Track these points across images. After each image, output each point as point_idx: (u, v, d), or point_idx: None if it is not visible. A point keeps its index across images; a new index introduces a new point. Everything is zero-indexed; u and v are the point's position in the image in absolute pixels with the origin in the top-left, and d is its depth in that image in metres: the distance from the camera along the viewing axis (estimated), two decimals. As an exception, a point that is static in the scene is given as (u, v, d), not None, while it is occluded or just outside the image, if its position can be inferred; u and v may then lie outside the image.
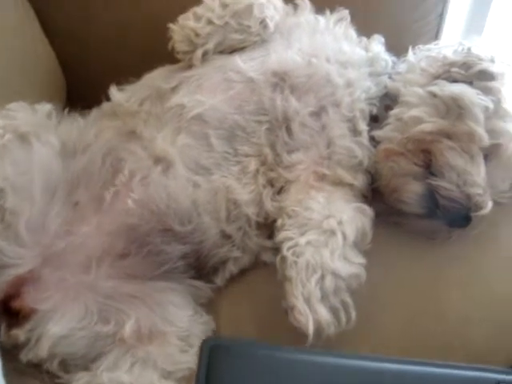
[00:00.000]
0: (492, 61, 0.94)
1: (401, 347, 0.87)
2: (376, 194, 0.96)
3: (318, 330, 0.77)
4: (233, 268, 0.94)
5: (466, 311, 0.89)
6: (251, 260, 0.95)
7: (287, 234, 0.84)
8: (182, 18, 0.98)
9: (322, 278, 0.79)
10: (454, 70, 0.93)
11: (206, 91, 0.94)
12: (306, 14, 1.04)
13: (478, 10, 1.54)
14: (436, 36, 1.25)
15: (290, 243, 0.82)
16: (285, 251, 0.81)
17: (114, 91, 1.00)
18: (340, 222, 0.84)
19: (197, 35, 0.96)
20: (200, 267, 0.92)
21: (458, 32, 1.55)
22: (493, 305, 0.89)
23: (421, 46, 1.04)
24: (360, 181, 0.94)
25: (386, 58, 1.03)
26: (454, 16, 1.43)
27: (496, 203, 0.93)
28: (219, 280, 0.94)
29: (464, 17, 1.55)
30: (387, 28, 1.14)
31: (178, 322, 0.87)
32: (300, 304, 0.77)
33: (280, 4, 1.02)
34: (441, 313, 0.89)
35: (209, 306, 0.94)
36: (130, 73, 1.02)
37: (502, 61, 0.95)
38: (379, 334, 0.89)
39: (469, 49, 0.95)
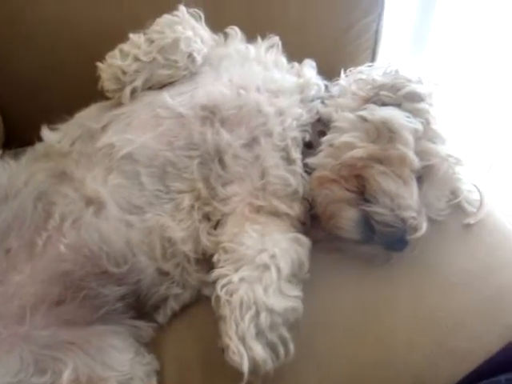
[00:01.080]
0: (419, 82, 0.95)
1: (347, 376, 0.87)
2: (315, 221, 0.95)
3: (255, 367, 0.75)
4: (174, 305, 0.92)
5: (410, 335, 0.88)
6: (193, 295, 0.94)
7: (221, 271, 0.83)
8: (108, 56, 0.96)
9: (257, 314, 0.78)
10: (383, 93, 0.93)
11: (136, 129, 0.92)
12: (236, 43, 1.03)
13: (421, 28, 1.55)
14: (373, 56, 1.25)
15: (223, 281, 0.81)
16: (218, 290, 0.80)
17: (45, 132, 0.98)
18: (273, 256, 0.82)
19: (124, 73, 0.95)
20: (140, 307, 0.90)
21: (402, 50, 1.55)
22: (433, 327, 0.88)
23: (352, 69, 1.04)
24: (296, 210, 0.93)
25: (318, 82, 1.03)
26: (396, 35, 1.44)
27: (434, 221, 0.93)
28: (161, 318, 0.92)
29: (407, 35, 1.56)
30: (321, 51, 1.14)
31: (119, 366, 0.85)
32: (233, 344, 0.75)
33: (208, 36, 1.01)
34: (385, 338, 0.88)
35: (152, 345, 0.92)
36: (66, 111, 1.00)
37: (430, 81, 0.96)
38: (324, 365, 0.88)
39: (396, 71, 0.95)
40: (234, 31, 1.04)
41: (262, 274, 0.81)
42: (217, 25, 1.06)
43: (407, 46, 1.55)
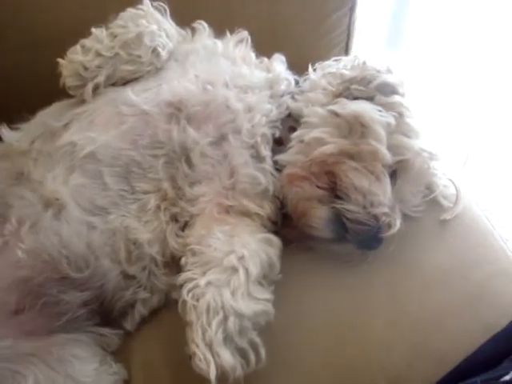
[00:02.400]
0: (389, 71, 0.91)
1: (322, 380, 0.83)
2: (287, 220, 0.91)
3: (223, 374, 0.71)
4: (142, 310, 0.88)
5: (386, 337, 0.84)
6: (161, 299, 0.89)
7: (188, 274, 0.79)
8: (70, 52, 0.91)
9: (225, 319, 0.73)
10: (354, 86, 0.89)
11: (98, 127, 0.87)
12: (204, 38, 0.98)
13: (396, 21, 1.52)
14: (346, 50, 1.21)
15: (189, 285, 0.76)
16: (185, 295, 0.75)
17: (4, 131, 0.92)
18: (241, 258, 0.78)
19: (86, 69, 0.90)
20: (106, 313, 0.86)
21: (379, 42, 1.52)
22: (410, 327, 0.84)
23: (320, 63, 0.99)
24: (267, 209, 0.88)
25: (288, 77, 0.98)
26: (374, 27, 1.41)
27: (409, 218, 0.89)
28: (129, 324, 0.88)
29: (383, 28, 1.53)
30: (293, 45, 1.10)
31: (83, 377, 0.80)
32: (200, 351, 0.71)
33: (173, 30, 0.96)
34: (361, 341, 0.84)
35: (119, 352, 0.87)
36: (28, 110, 0.94)
37: (398, 69, 0.92)
38: (298, 369, 0.83)
39: (364, 62, 0.91)
40: (202, 26, 1.00)
41: (229, 276, 0.77)
42: (184, 19, 1.01)
43: (383, 41, 1.51)
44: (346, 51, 1.21)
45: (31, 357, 0.79)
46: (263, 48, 1.02)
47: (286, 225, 0.91)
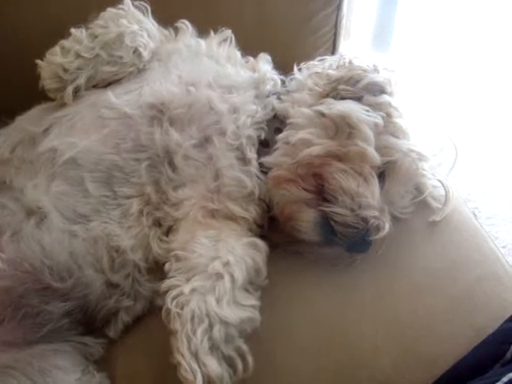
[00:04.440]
0: (376, 70, 0.88)
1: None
2: (274, 223, 0.88)
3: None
4: (126, 318, 0.85)
5: (375, 341, 0.82)
6: (145, 307, 0.86)
7: (172, 281, 0.76)
8: (49, 53, 0.88)
9: (210, 327, 0.71)
10: (342, 87, 0.86)
11: (79, 132, 0.84)
12: (187, 37, 0.95)
13: (385, 21, 1.49)
14: (333, 49, 1.18)
15: (174, 292, 0.73)
16: (168, 303, 0.72)
17: (-16, 137, 0.88)
18: (227, 264, 0.75)
19: (65, 70, 0.86)
20: (89, 322, 0.82)
21: (366, 43, 1.49)
22: (400, 332, 0.82)
23: (305, 63, 0.96)
24: (252, 212, 0.85)
25: (274, 77, 0.95)
26: (361, 28, 1.38)
27: (398, 219, 0.86)
28: (112, 332, 0.84)
29: (371, 28, 1.50)
30: (279, 44, 1.07)
31: None
32: (185, 360, 0.68)
33: (155, 30, 0.93)
34: (350, 345, 0.82)
35: (103, 361, 0.83)
36: (6, 114, 0.91)
37: (385, 68, 0.89)
38: (287, 375, 0.81)
39: (350, 62, 0.88)
40: (185, 25, 0.96)
41: (214, 283, 0.74)
42: (167, 19, 0.97)
43: (370, 42, 1.48)
44: (333, 50, 1.18)
45: (11, 369, 0.75)
46: (248, 47, 0.99)
47: (272, 228, 0.89)
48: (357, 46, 1.34)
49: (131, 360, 0.84)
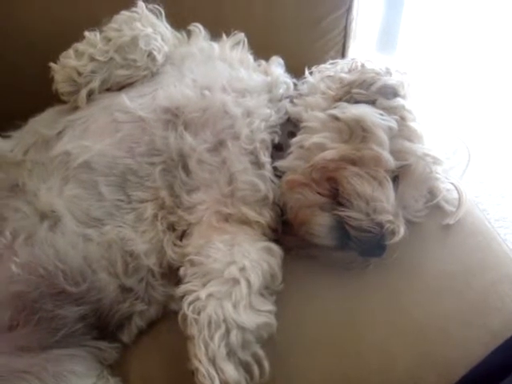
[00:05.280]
0: (388, 73, 0.87)
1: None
2: (287, 227, 0.86)
3: None
4: (140, 322, 0.83)
5: (390, 346, 0.80)
6: (159, 311, 0.85)
7: (188, 286, 0.74)
8: (62, 56, 0.86)
9: (227, 333, 0.69)
10: (355, 90, 0.85)
11: (93, 135, 0.82)
12: (200, 40, 0.94)
13: (391, 23, 1.48)
14: (343, 51, 1.16)
15: (190, 298, 0.72)
16: (185, 308, 0.71)
17: (-3, 140, 0.86)
18: (243, 269, 0.74)
19: (79, 74, 0.85)
20: (103, 326, 0.81)
21: (372, 45, 1.48)
22: (415, 336, 0.80)
23: (316, 66, 0.95)
24: (267, 217, 0.84)
25: (287, 80, 0.94)
26: (367, 30, 1.36)
27: (411, 223, 0.85)
28: (126, 337, 0.83)
29: (377, 30, 1.48)
30: (289, 47, 1.06)
31: None
32: (203, 367, 0.67)
33: (169, 33, 0.91)
34: (364, 351, 0.80)
35: (117, 365, 0.82)
36: (19, 117, 0.89)
37: (397, 70, 0.87)
38: (299, 379, 0.79)
39: (362, 65, 0.87)
40: (198, 29, 0.95)
41: (231, 288, 0.73)
42: (179, 22, 0.96)
43: (377, 42, 1.46)
44: (343, 53, 1.17)
45: (26, 374, 0.74)
46: (257, 50, 0.98)
47: (285, 232, 0.87)
48: (362, 47, 1.32)
49: (145, 364, 0.83)
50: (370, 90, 0.85)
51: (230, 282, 0.73)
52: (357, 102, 0.85)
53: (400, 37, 1.50)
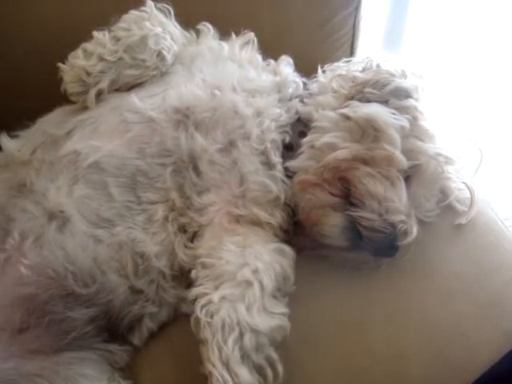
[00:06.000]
0: (403, 75, 0.85)
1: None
2: (299, 228, 0.85)
3: None
4: (151, 325, 0.81)
5: (404, 347, 0.78)
6: (170, 313, 0.83)
7: (200, 289, 0.73)
8: (71, 56, 0.85)
9: (241, 336, 0.68)
10: (368, 90, 0.83)
11: (102, 135, 0.80)
12: (209, 40, 0.92)
13: (396, 21, 1.46)
14: (351, 51, 1.14)
15: (203, 301, 0.71)
16: (198, 311, 0.69)
17: (4, 139, 0.85)
18: (255, 271, 0.72)
19: (88, 74, 0.83)
20: (113, 329, 0.79)
21: (378, 43, 1.46)
22: (427, 337, 0.79)
23: (329, 65, 0.93)
24: (278, 217, 0.82)
25: (296, 79, 0.92)
26: (373, 28, 1.34)
27: (423, 223, 0.83)
28: (136, 340, 0.81)
29: (383, 28, 1.46)
30: (297, 47, 1.03)
31: None
32: (217, 371, 0.65)
33: (178, 32, 0.89)
34: (378, 352, 0.79)
35: (128, 369, 0.81)
36: (27, 117, 0.87)
37: (412, 73, 0.85)
38: (313, 381, 0.77)
39: (378, 65, 0.85)
40: (207, 28, 0.93)
41: (244, 291, 0.71)
42: (186, 22, 0.94)
43: (382, 41, 1.44)
44: (351, 52, 1.15)
45: (37, 377, 0.73)
46: (265, 50, 0.96)
47: (297, 233, 0.85)
48: (368, 45, 1.30)
49: (157, 368, 0.81)
50: (383, 91, 0.83)
51: (243, 285, 0.72)
52: (368, 101, 0.83)
53: (405, 34, 1.47)
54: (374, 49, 1.41)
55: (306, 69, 0.98)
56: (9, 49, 1.05)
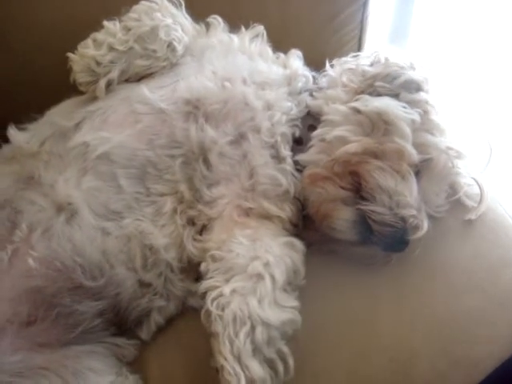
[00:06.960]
0: (412, 68, 0.83)
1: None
2: (308, 222, 0.83)
3: None
4: (158, 318, 0.80)
5: (413, 344, 0.77)
6: (178, 307, 0.81)
7: (210, 282, 0.71)
8: (81, 46, 0.82)
9: (252, 329, 0.66)
10: (379, 83, 0.81)
11: (112, 126, 0.78)
12: (219, 32, 0.90)
13: (402, 16, 1.43)
14: (359, 46, 1.12)
15: (213, 294, 0.69)
16: (209, 304, 0.67)
17: (12, 132, 0.83)
18: (267, 264, 0.70)
19: (98, 64, 0.81)
20: (121, 322, 0.77)
21: (384, 38, 1.44)
22: (438, 333, 0.78)
23: (338, 59, 0.91)
24: (288, 211, 0.80)
25: (306, 73, 0.90)
26: (379, 23, 1.32)
27: (433, 218, 0.81)
28: (144, 334, 0.79)
29: (389, 23, 1.44)
30: (305, 41, 1.01)
31: None
32: (229, 364, 0.63)
33: (189, 24, 0.87)
34: (387, 348, 0.77)
35: (136, 363, 0.79)
36: (35, 109, 0.85)
37: (421, 65, 0.84)
38: (322, 378, 0.76)
39: (386, 59, 0.83)
40: (217, 21, 0.91)
41: (255, 284, 0.69)
42: (195, 16, 0.92)
43: (389, 36, 1.42)
44: (359, 47, 1.13)
45: (44, 370, 0.71)
46: (273, 45, 0.94)
47: (306, 227, 0.84)
48: (375, 39, 1.28)
49: (165, 362, 0.80)
50: (394, 84, 0.81)
51: (254, 278, 0.70)
52: (379, 95, 0.81)
53: (412, 29, 1.45)
54: (380, 44, 1.38)
55: (314, 63, 0.96)
56: (18, 42, 1.02)
